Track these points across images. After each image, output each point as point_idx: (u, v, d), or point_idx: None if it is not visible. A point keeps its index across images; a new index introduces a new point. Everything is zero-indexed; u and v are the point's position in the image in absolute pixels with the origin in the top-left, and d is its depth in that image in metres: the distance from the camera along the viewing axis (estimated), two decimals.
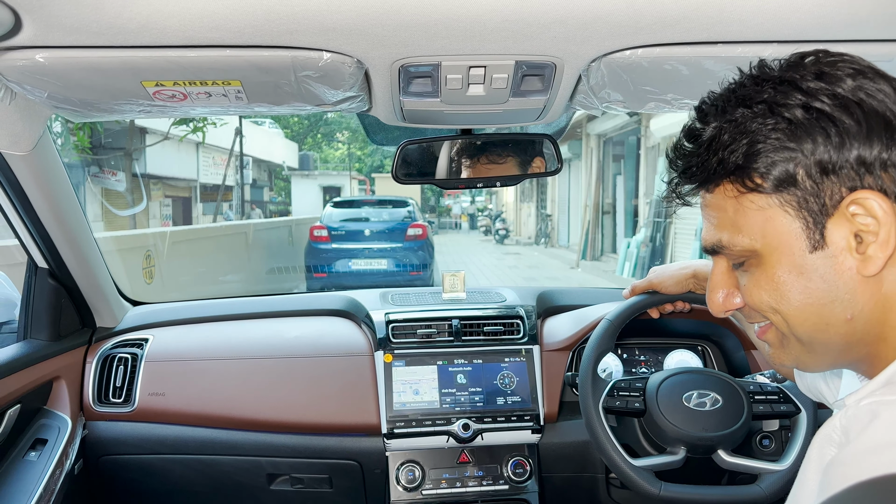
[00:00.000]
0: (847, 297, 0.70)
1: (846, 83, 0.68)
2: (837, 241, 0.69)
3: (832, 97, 0.68)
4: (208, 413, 1.73)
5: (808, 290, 0.71)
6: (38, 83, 1.07)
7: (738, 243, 0.74)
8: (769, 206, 0.71)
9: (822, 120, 0.67)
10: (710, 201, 0.77)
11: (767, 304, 0.74)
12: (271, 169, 27.17)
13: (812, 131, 0.67)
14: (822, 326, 0.72)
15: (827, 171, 0.68)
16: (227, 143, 17.05)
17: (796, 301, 0.72)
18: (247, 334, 1.89)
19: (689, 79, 1.13)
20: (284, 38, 0.98)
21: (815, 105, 0.68)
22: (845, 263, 0.69)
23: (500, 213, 26.47)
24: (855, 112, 0.67)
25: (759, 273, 0.74)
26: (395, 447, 1.71)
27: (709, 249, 0.80)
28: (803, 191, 0.69)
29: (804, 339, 0.75)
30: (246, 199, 19.54)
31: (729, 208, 0.74)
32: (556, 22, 0.95)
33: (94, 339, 1.84)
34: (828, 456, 0.70)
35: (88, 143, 9.92)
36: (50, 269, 1.64)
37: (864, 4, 0.91)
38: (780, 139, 0.68)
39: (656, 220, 11.44)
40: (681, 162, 0.78)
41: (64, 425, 1.64)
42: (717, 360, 1.90)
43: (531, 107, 1.26)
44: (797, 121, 0.68)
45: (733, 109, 0.72)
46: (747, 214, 0.73)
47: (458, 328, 1.81)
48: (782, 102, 0.69)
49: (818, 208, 0.69)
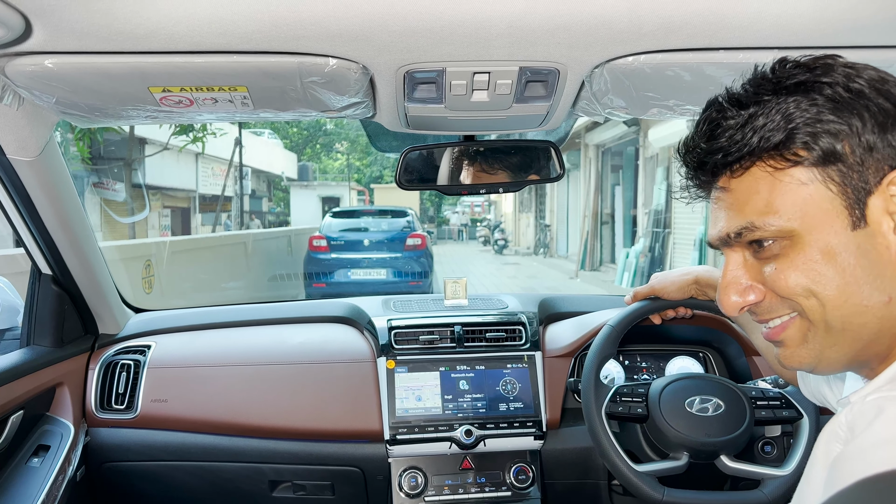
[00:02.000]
0: (888, 277, 0.69)
1: (871, 72, 0.70)
2: (878, 220, 0.68)
3: (867, 81, 0.69)
4: (211, 419, 1.73)
5: (848, 269, 0.69)
6: (47, 88, 1.08)
7: (772, 223, 0.71)
8: (811, 181, 0.70)
9: (864, 99, 0.68)
10: (735, 186, 0.75)
11: (804, 286, 0.71)
12: (270, 179, 27.21)
13: (857, 108, 0.68)
14: (861, 308, 0.70)
15: (871, 149, 0.68)
16: (227, 153, 17.07)
17: (836, 281, 0.70)
18: (249, 341, 1.90)
19: (692, 85, 1.14)
20: (291, 44, 1.00)
21: (853, 86, 0.68)
22: (885, 242, 0.68)
23: (499, 224, 26.49)
24: (890, 97, 0.68)
25: (793, 255, 0.71)
26: (398, 453, 1.71)
27: (727, 239, 0.77)
28: (848, 166, 0.68)
29: (836, 325, 0.72)
30: (245, 210, 19.55)
31: (762, 188, 0.72)
32: (560, 28, 0.96)
33: (96, 345, 1.84)
34: (834, 452, 0.70)
35: (88, 153, 9.95)
36: (53, 275, 1.64)
37: (865, 10, 0.92)
38: (823, 113, 0.68)
39: (655, 231, 11.45)
40: (701, 150, 0.76)
41: (66, 432, 1.64)
42: (719, 367, 1.90)
43: (534, 113, 1.27)
44: (841, 98, 0.68)
45: (764, 94, 0.72)
46: (785, 191, 0.71)
47: (461, 334, 1.82)
48: (823, 81, 0.69)
49: (862, 185, 0.68)
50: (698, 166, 0.78)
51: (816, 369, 0.78)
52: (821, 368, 0.77)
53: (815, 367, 0.77)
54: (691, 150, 0.78)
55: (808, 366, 0.77)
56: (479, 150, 1.46)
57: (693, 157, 0.78)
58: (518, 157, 1.48)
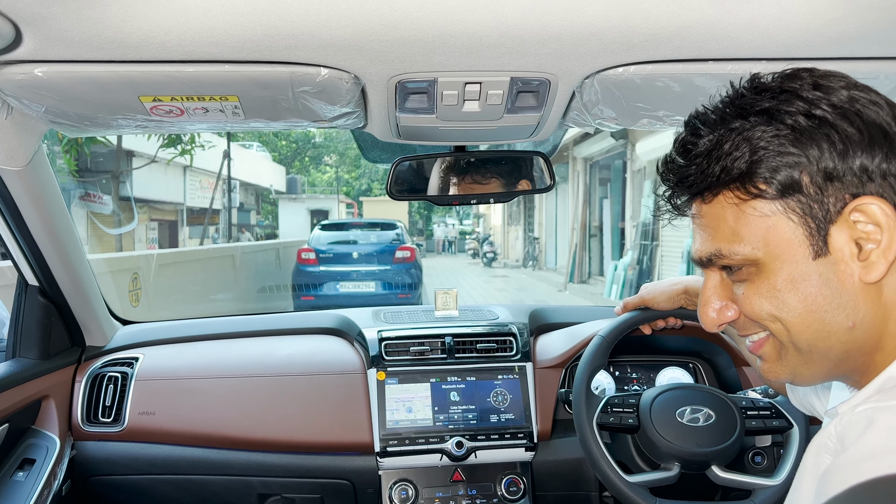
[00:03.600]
0: (850, 305, 0.70)
1: (841, 93, 0.69)
2: (840, 248, 0.69)
3: (832, 106, 0.69)
4: (199, 432, 1.72)
5: (810, 297, 0.71)
6: (36, 97, 1.07)
7: (738, 252, 0.73)
8: (773, 213, 0.71)
9: (825, 127, 0.68)
10: (706, 211, 0.77)
11: (768, 312, 0.74)
12: (259, 192, 27.16)
13: (816, 138, 0.68)
14: (824, 335, 0.72)
15: (831, 178, 0.68)
16: (215, 166, 17.03)
17: (798, 309, 0.71)
18: (239, 353, 1.88)
19: (681, 96, 1.15)
20: (283, 53, 1.00)
21: (816, 113, 0.69)
22: (848, 270, 0.69)
23: (488, 237, 26.53)
24: (855, 121, 0.68)
25: (759, 281, 0.74)
26: (388, 466, 1.69)
27: (702, 261, 0.79)
28: (808, 197, 0.69)
29: (804, 348, 0.74)
30: (233, 223, 19.48)
31: (729, 217, 0.74)
32: (551, 39, 0.97)
33: (83, 357, 1.82)
34: (823, 464, 0.70)
35: (75, 165, 9.89)
36: (40, 286, 1.63)
37: (851, 23, 0.94)
38: (784, 145, 0.69)
39: (643, 243, 11.51)
40: (675, 174, 0.78)
41: (52, 445, 1.62)
42: (709, 378, 1.91)
43: (525, 123, 1.28)
44: (800, 127, 0.69)
45: (732, 119, 0.73)
46: (749, 222, 0.72)
47: (452, 345, 1.81)
48: (784, 110, 0.70)
49: (822, 215, 0.69)
50: (673, 193, 0.80)
51: (794, 383, 0.80)
52: (798, 382, 0.79)
53: (792, 381, 0.79)
54: (667, 171, 0.80)
55: (786, 380, 0.80)
56: (470, 161, 1.46)
57: (668, 180, 0.80)
58: (509, 168, 1.49)
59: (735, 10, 0.91)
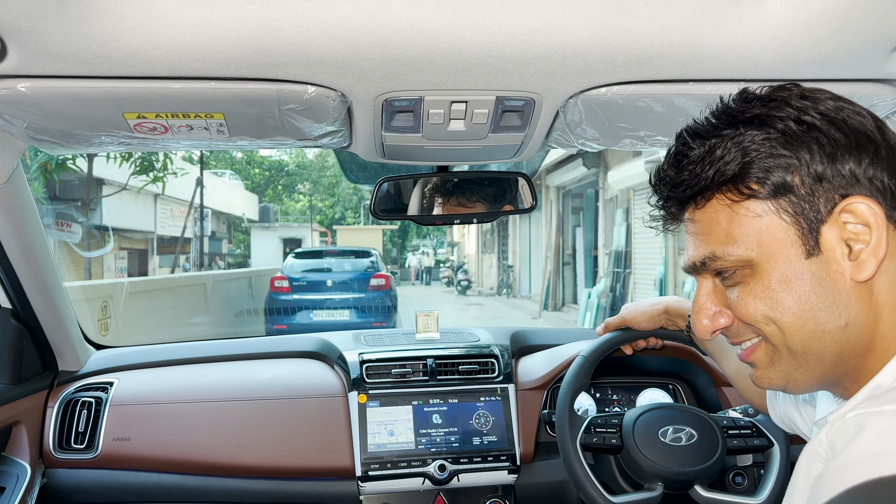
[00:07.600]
0: (843, 303, 0.72)
1: (828, 103, 0.73)
2: (832, 248, 0.71)
3: (820, 113, 0.72)
4: (176, 458, 1.67)
5: (804, 296, 0.72)
6: (18, 113, 1.06)
7: (732, 253, 0.75)
8: (765, 213, 0.73)
9: (814, 132, 0.71)
10: (699, 217, 0.78)
11: (763, 313, 0.75)
12: (231, 221, 26.92)
13: (806, 141, 0.71)
14: (819, 334, 0.73)
15: (821, 179, 0.71)
16: (187, 194, 16.87)
17: (793, 308, 0.73)
18: (216, 377, 1.85)
19: (662, 116, 1.18)
20: (271, 70, 1.00)
21: (805, 118, 0.71)
22: (839, 269, 0.71)
23: (462, 265, 26.57)
24: (842, 127, 0.71)
25: (753, 282, 0.75)
26: (370, 490, 1.67)
27: (696, 266, 0.80)
28: (799, 197, 0.71)
29: (798, 350, 0.75)
30: (205, 252, 19.27)
31: (722, 219, 0.76)
32: (536, 58, 0.99)
33: (56, 382, 1.77)
34: (815, 471, 0.71)
35: (44, 192, 9.73)
36: (13, 309, 1.59)
37: (826, 45, 0.97)
38: (776, 147, 0.72)
39: (616, 271, 11.62)
40: (667, 184, 0.80)
41: (23, 473, 1.57)
42: (689, 398, 1.92)
43: (509, 143, 1.29)
44: (791, 132, 0.71)
45: (723, 128, 0.75)
46: (742, 223, 0.74)
47: (433, 367, 1.80)
48: (775, 115, 0.72)
49: (813, 215, 0.71)
50: (667, 199, 0.82)
51: (787, 389, 0.81)
52: (791, 388, 0.80)
53: (785, 387, 0.80)
54: (660, 181, 0.81)
55: (779, 386, 0.80)
56: (453, 181, 1.47)
57: (661, 189, 0.82)
58: (492, 189, 1.50)
59: (715, 31, 0.94)
